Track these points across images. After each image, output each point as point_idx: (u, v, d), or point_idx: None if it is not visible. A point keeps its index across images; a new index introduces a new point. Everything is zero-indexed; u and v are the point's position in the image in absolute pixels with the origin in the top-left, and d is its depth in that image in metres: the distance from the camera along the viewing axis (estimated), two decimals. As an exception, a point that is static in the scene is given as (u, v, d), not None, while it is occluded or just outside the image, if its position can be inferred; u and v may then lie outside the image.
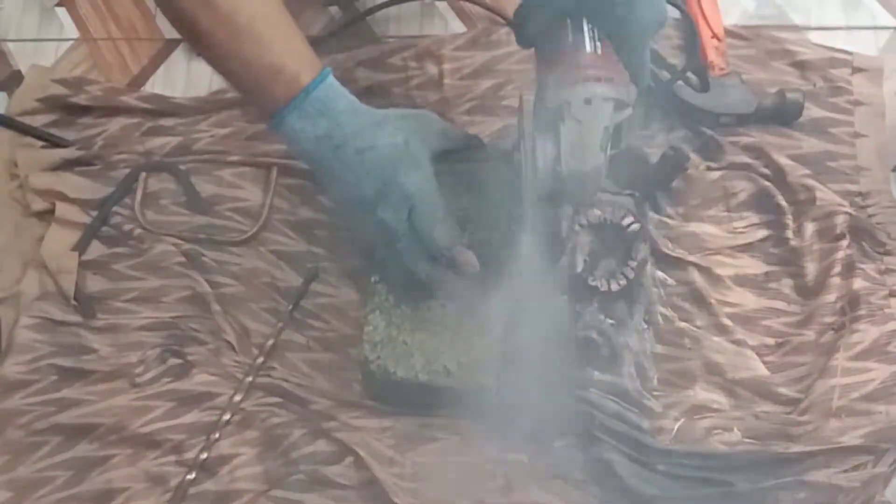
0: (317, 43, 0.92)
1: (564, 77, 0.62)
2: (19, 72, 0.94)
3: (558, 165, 0.63)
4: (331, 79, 0.67)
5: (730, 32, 0.89)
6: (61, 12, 0.97)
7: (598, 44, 0.63)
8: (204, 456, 0.74)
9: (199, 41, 0.66)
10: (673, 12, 0.69)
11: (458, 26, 0.94)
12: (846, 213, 0.79)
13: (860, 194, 0.82)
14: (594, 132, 0.62)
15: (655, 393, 0.75)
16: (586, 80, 0.61)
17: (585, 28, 0.63)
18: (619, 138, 0.64)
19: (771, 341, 0.77)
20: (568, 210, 0.77)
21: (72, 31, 0.96)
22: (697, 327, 0.77)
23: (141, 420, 0.76)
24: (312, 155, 0.67)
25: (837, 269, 0.77)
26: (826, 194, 0.80)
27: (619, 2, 0.60)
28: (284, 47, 0.66)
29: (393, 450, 0.74)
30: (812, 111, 0.85)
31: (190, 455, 0.74)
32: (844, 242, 0.78)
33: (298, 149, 0.67)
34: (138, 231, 0.83)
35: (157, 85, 0.93)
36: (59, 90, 0.90)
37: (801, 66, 0.87)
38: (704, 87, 0.85)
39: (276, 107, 0.65)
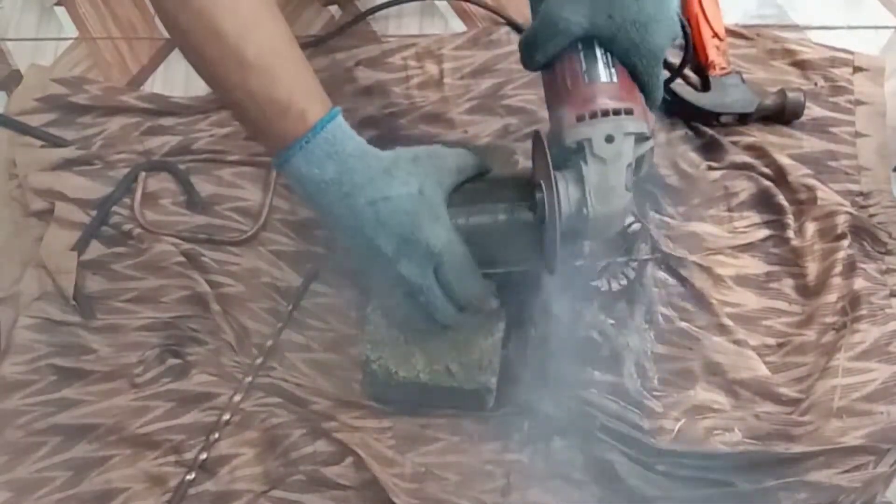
0: (317, 43, 0.92)
1: (582, 111, 0.59)
2: (18, 71, 0.94)
3: (585, 207, 0.59)
4: (339, 118, 0.63)
5: (731, 32, 0.89)
6: (60, 11, 0.97)
7: (613, 70, 0.60)
8: (203, 456, 0.74)
9: (205, 71, 0.63)
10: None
11: (458, 26, 0.93)
12: (847, 212, 0.79)
13: (861, 194, 0.82)
14: (618, 172, 0.58)
15: (656, 393, 0.75)
16: (605, 114, 0.58)
17: (598, 53, 0.60)
18: (640, 169, 0.61)
19: (772, 341, 0.77)
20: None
21: (71, 31, 0.96)
22: (698, 327, 0.77)
23: (140, 420, 0.76)
24: (319, 201, 0.62)
25: (838, 268, 0.77)
26: (827, 194, 0.80)
27: (633, 26, 0.58)
28: (293, 82, 0.62)
29: (393, 450, 0.74)
30: (813, 111, 0.85)
31: (189, 455, 0.74)
32: (845, 242, 0.78)
33: (303, 192, 0.63)
34: (138, 231, 0.83)
35: (156, 84, 0.92)
36: (59, 89, 0.90)
37: (802, 65, 0.87)
38: (705, 86, 0.85)
39: (281, 145, 0.62)
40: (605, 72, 0.60)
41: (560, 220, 0.59)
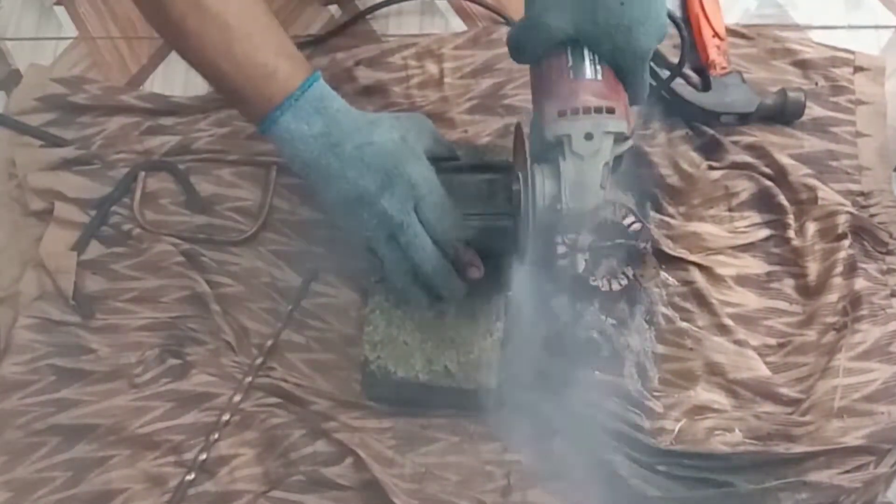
0: (317, 42, 0.92)
1: (564, 107, 0.59)
2: (18, 71, 0.93)
3: (559, 203, 0.60)
4: (321, 81, 0.66)
5: (731, 31, 0.88)
6: (60, 11, 0.97)
7: (599, 68, 0.60)
8: (203, 457, 0.74)
9: (188, 44, 0.65)
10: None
11: (458, 25, 0.93)
12: (848, 212, 0.79)
13: (862, 194, 0.82)
14: (595, 170, 0.59)
15: (656, 393, 0.75)
16: (587, 111, 0.59)
17: (586, 52, 0.60)
18: (617, 168, 0.62)
19: (772, 341, 0.77)
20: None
21: (70, 30, 0.96)
22: (699, 327, 0.77)
23: (140, 420, 0.76)
24: (307, 155, 0.65)
25: (839, 268, 0.77)
26: (828, 194, 0.80)
27: (618, 30, 0.59)
28: (276, 47, 0.65)
29: (393, 450, 0.74)
30: (814, 110, 0.85)
31: (189, 456, 0.74)
32: (846, 242, 0.78)
33: (291, 150, 0.65)
34: (137, 231, 0.83)
35: (155, 84, 0.92)
36: (58, 89, 0.90)
37: (802, 65, 0.87)
38: (706, 86, 0.84)
39: (268, 107, 0.64)
40: (590, 69, 0.60)
41: (534, 213, 0.60)
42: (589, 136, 0.59)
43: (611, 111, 0.59)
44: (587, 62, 0.60)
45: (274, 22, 0.67)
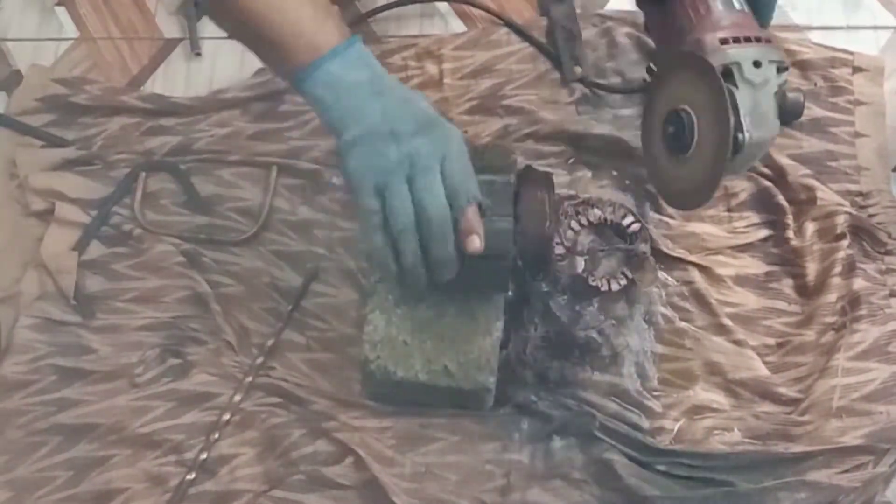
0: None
1: (726, 35, 0.60)
2: (19, 71, 0.94)
3: (739, 133, 0.60)
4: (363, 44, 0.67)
5: (730, 32, 0.89)
6: (61, 12, 0.97)
7: (744, 2, 0.62)
8: (204, 456, 0.74)
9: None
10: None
11: (458, 26, 0.94)
12: (847, 212, 0.79)
13: (861, 194, 0.82)
14: (769, 97, 0.60)
15: (655, 393, 0.75)
16: (748, 40, 0.59)
17: None
18: (783, 101, 0.63)
19: (771, 341, 0.77)
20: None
21: (71, 31, 0.96)
22: (698, 327, 0.77)
23: (140, 420, 0.76)
24: (349, 101, 0.64)
25: (838, 268, 0.77)
26: (827, 194, 0.80)
27: None
28: (325, 5, 0.65)
29: (393, 450, 0.74)
30: (813, 111, 0.85)
31: (189, 455, 0.74)
32: (845, 242, 0.78)
33: (333, 96, 0.64)
34: (138, 231, 0.83)
35: (156, 84, 0.93)
36: (59, 90, 0.90)
37: (801, 65, 0.87)
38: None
39: (315, 55, 0.63)
40: (738, 2, 0.62)
41: (742, 138, 0.59)
42: (757, 64, 0.59)
43: (768, 41, 0.60)
44: None
45: None
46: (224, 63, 0.93)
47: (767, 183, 0.82)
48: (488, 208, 0.65)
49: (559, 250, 0.78)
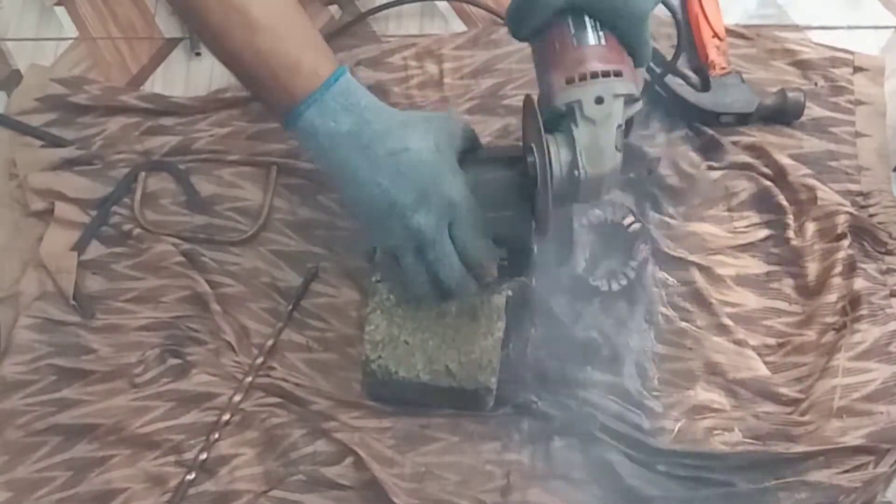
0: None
1: (572, 74, 0.60)
2: (18, 71, 0.93)
3: (576, 169, 0.60)
4: (349, 74, 0.63)
5: (731, 32, 0.89)
6: (60, 11, 0.97)
7: (601, 33, 0.61)
8: (203, 456, 0.74)
9: (211, 34, 0.63)
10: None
11: (458, 26, 0.93)
12: (847, 212, 0.79)
13: (861, 194, 0.82)
14: (609, 132, 0.59)
15: (656, 393, 0.75)
16: (594, 75, 0.59)
17: (587, 18, 0.61)
18: (629, 132, 0.63)
19: (772, 341, 0.77)
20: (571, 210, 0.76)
21: (71, 31, 0.96)
22: (698, 327, 0.77)
23: (140, 420, 0.76)
24: (334, 154, 0.62)
25: (838, 268, 0.77)
26: (827, 194, 0.80)
27: None
28: (301, 40, 0.63)
29: (393, 450, 0.74)
30: (813, 110, 0.85)
31: (189, 455, 0.74)
32: (845, 242, 0.78)
33: (317, 147, 0.62)
34: (138, 231, 0.83)
35: (156, 84, 0.92)
36: (59, 89, 0.90)
37: (802, 65, 0.87)
38: (705, 86, 0.85)
39: (292, 102, 0.61)
40: (593, 35, 0.61)
41: (552, 182, 0.60)
42: (599, 100, 0.59)
43: (618, 74, 0.60)
44: (589, 28, 0.61)
45: (301, 14, 0.64)
46: (224, 63, 0.93)
47: (768, 183, 0.82)
48: (503, 200, 0.65)
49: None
